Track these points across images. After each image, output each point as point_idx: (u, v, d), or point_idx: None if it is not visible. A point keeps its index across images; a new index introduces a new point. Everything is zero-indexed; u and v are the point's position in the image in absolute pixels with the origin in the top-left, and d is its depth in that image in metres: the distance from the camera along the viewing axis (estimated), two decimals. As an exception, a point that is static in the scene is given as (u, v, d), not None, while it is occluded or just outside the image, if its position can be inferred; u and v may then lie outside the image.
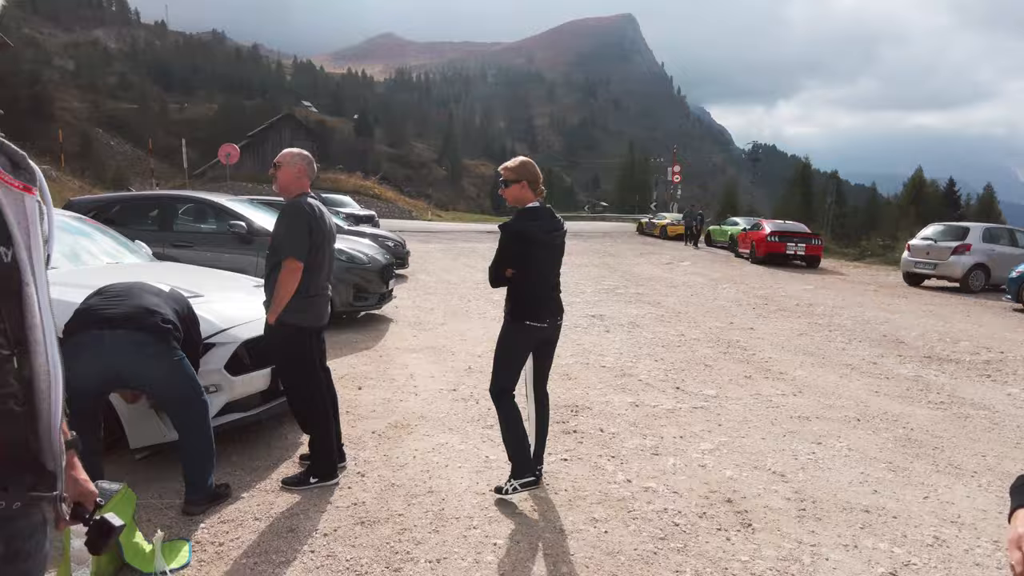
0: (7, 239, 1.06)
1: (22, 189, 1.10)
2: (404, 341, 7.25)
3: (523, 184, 3.48)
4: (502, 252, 3.46)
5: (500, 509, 3.34)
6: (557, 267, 3.67)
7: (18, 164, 1.14)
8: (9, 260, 1.06)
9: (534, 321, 3.49)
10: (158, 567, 2.66)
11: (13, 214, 1.08)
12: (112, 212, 8.42)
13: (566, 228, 3.69)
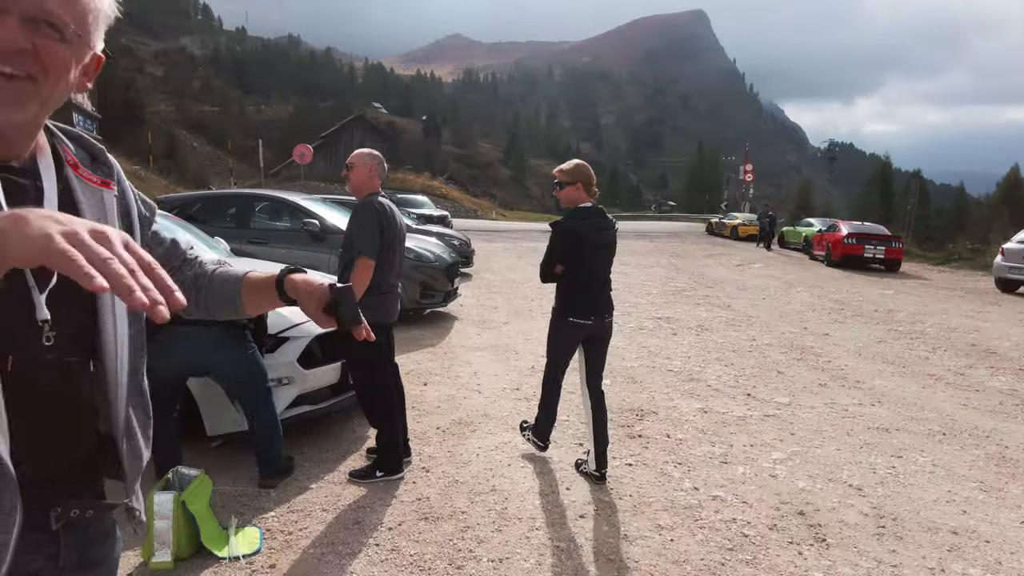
0: None
1: (100, 185, 1.08)
2: (468, 339, 7.31)
3: (577, 186, 3.70)
4: (552, 249, 3.69)
5: (564, 512, 3.31)
6: (607, 265, 3.83)
7: (96, 158, 1.12)
8: None
9: (578, 318, 3.69)
10: (231, 551, 2.77)
11: (91, 211, 1.05)
12: (194, 209, 8.84)
13: (617, 227, 3.85)
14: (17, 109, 0.88)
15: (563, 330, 3.75)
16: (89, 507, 1.03)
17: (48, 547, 0.99)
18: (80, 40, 0.91)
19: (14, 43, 0.83)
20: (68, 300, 0.98)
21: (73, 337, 1.00)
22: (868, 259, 17.93)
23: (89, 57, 0.96)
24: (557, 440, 4.27)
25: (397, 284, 3.80)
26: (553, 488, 3.59)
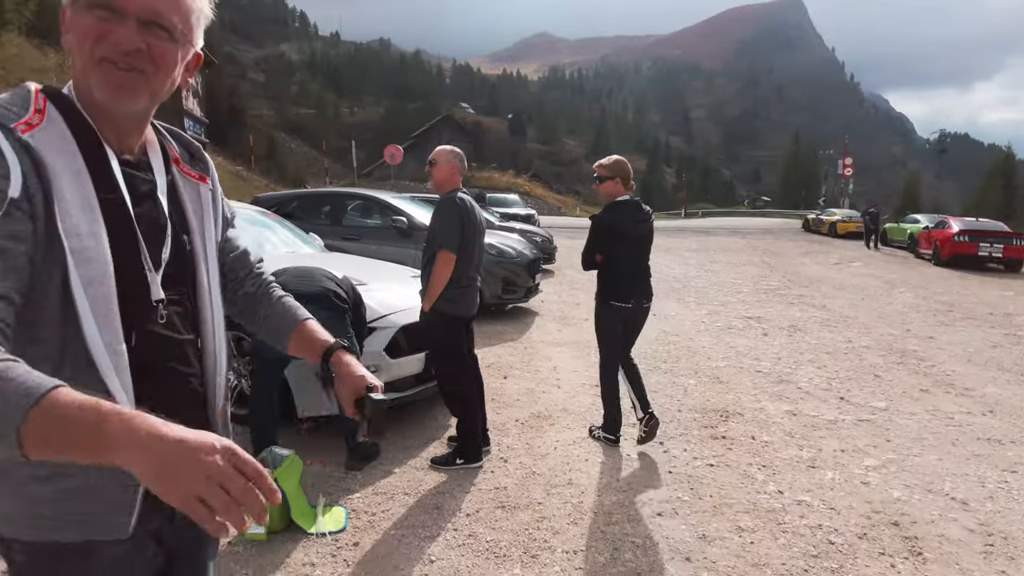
0: (187, 228, 1.15)
1: (198, 179, 1.20)
2: (549, 335, 7.35)
3: (616, 180, 4.00)
4: (592, 240, 4.00)
5: (641, 509, 3.29)
6: (645, 254, 4.11)
7: (194, 155, 1.24)
8: (189, 248, 1.14)
9: (619, 301, 3.99)
10: (319, 528, 2.93)
11: (191, 204, 1.17)
12: (291, 207, 9.33)
13: (654, 219, 4.16)
14: (132, 100, 0.99)
15: (606, 313, 4.06)
16: None
17: (165, 508, 1.10)
18: (185, 39, 1.02)
19: (132, 43, 0.94)
20: (176, 283, 1.10)
21: (181, 316, 1.11)
22: (983, 258, 16.56)
23: (191, 54, 1.07)
24: (634, 437, 4.23)
25: (477, 278, 3.88)
26: (631, 485, 3.56)
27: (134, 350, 0.99)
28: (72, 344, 0.92)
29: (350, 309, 3.73)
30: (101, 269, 0.93)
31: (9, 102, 0.93)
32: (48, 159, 0.90)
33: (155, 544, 1.10)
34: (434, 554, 2.82)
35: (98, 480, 0.96)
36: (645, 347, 6.71)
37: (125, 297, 0.98)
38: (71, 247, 0.90)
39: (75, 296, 0.91)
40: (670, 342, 7.05)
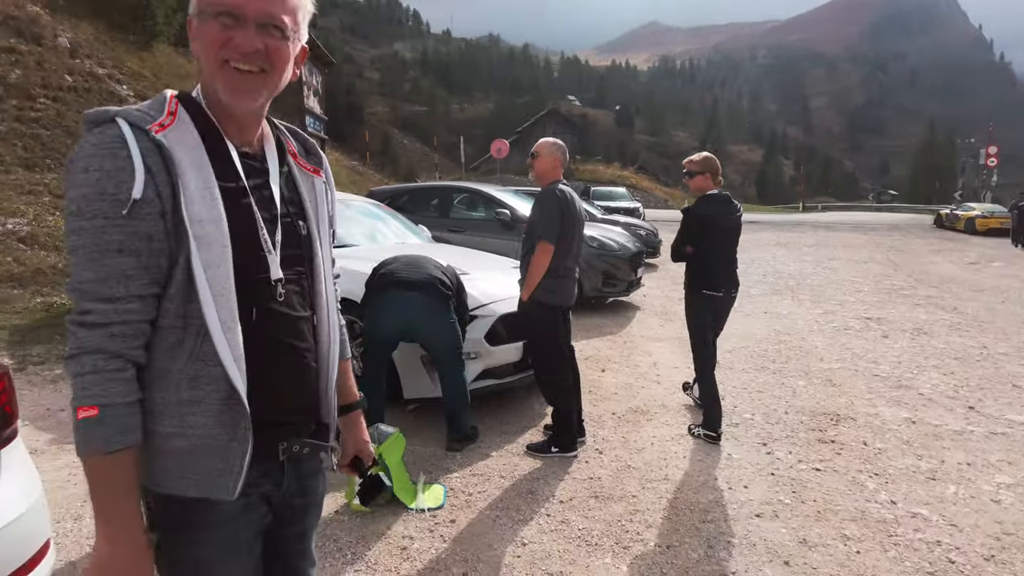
0: (303, 215, 1.25)
1: (312, 172, 1.31)
2: (650, 329, 7.24)
3: (706, 175, 4.19)
4: (684, 231, 4.16)
5: (739, 509, 3.20)
6: (734, 245, 4.25)
7: (309, 151, 1.34)
8: (306, 233, 1.25)
9: (709, 290, 4.10)
10: (418, 504, 3.08)
11: (307, 193, 1.28)
12: (402, 200, 9.72)
13: (742, 211, 4.30)
14: (253, 98, 1.11)
15: (697, 302, 4.16)
16: (307, 445, 1.24)
17: (276, 475, 1.22)
18: (294, 35, 1.13)
19: (252, 45, 1.06)
20: (294, 264, 1.21)
21: (299, 295, 1.21)
22: None
23: (299, 49, 1.17)
24: (739, 438, 4.11)
25: (575, 268, 3.90)
26: (730, 484, 3.47)
27: (255, 326, 1.10)
28: (193, 320, 1.04)
29: (453, 296, 3.88)
30: (219, 253, 1.04)
31: (148, 107, 1.07)
32: (176, 155, 1.03)
33: (265, 506, 1.21)
34: (527, 537, 2.88)
35: (209, 443, 1.08)
36: (753, 345, 6.48)
37: (246, 277, 1.09)
38: (194, 233, 1.02)
39: (196, 277, 1.02)
40: (781, 341, 6.75)
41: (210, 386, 1.06)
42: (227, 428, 1.08)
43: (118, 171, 0.98)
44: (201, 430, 1.06)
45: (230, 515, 1.13)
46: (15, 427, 1.76)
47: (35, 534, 1.69)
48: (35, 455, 3.53)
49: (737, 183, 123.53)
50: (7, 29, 10.66)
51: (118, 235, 0.98)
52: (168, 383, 1.06)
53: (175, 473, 1.08)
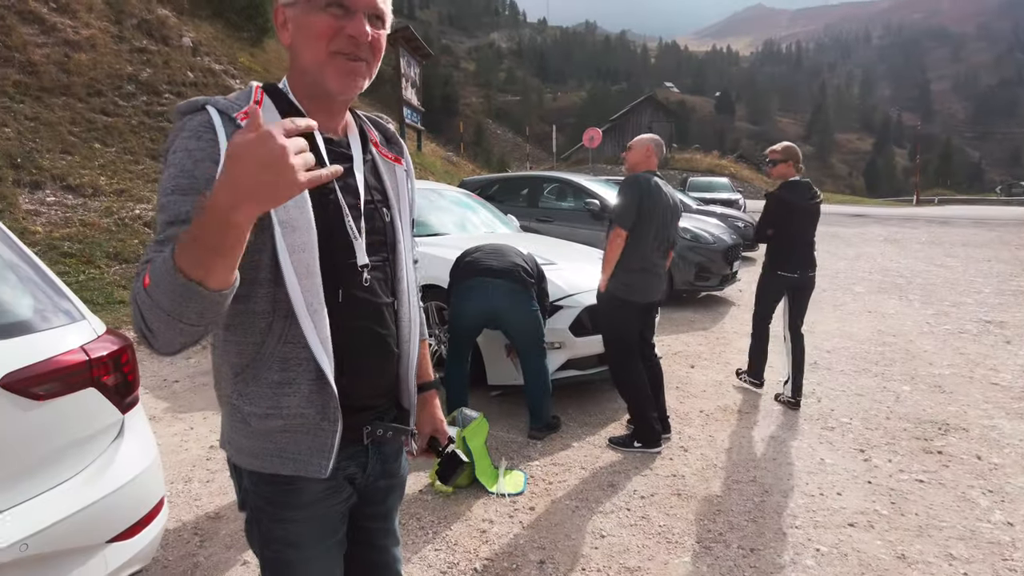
0: (386, 202, 1.27)
1: (394, 160, 1.33)
2: (744, 326, 6.97)
3: (788, 163, 4.52)
4: (766, 215, 4.54)
5: (831, 517, 3.06)
6: (812, 230, 4.60)
7: (390, 139, 1.37)
8: (389, 220, 1.27)
9: (785, 272, 4.52)
10: (499, 489, 3.14)
11: (389, 181, 1.30)
12: (493, 190, 9.85)
13: (822, 197, 4.62)
14: (358, 87, 1.15)
15: (772, 282, 4.63)
16: (390, 428, 1.28)
17: (360, 457, 1.27)
18: (388, 23, 1.17)
19: (365, 36, 1.10)
20: (378, 251, 1.24)
21: (382, 281, 1.25)
22: None
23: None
24: (834, 443, 3.92)
25: (660, 263, 3.80)
26: (822, 490, 3.32)
27: (339, 308, 1.14)
28: (281, 303, 1.08)
29: (536, 284, 3.91)
30: (304, 237, 1.07)
31: (237, 98, 1.12)
32: None
33: (350, 487, 1.27)
34: (605, 529, 2.88)
35: (302, 424, 1.13)
36: (855, 346, 6.13)
37: (333, 262, 1.13)
38: (279, 218, 1.05)
39: (281, 261, 1.05)
40: (885, 343, 6.34)
41: (300, 368, 1.10)
42: (318, 409, 1.13)
43: (199, 151, 1.02)
44: (294, 410, 1.11)
45: (318, 496, 1.19)
46: (136, 394, 1.95)
47: (151, 492, 1.86)
48: (152, 421, 3.88)
49: (844, 173, 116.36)
50: (140, 31, 11.60)
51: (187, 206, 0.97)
52: (262, 365, 1.11)
53: (272, 452, 1.15)
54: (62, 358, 1.67)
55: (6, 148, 7.67)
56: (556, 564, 2.61)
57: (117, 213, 7.88)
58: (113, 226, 7.61)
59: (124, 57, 10.66)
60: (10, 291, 1.73)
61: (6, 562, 1.47)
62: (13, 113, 8.30)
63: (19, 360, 1.58)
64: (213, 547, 2.66)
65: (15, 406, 1.55)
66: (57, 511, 1.59)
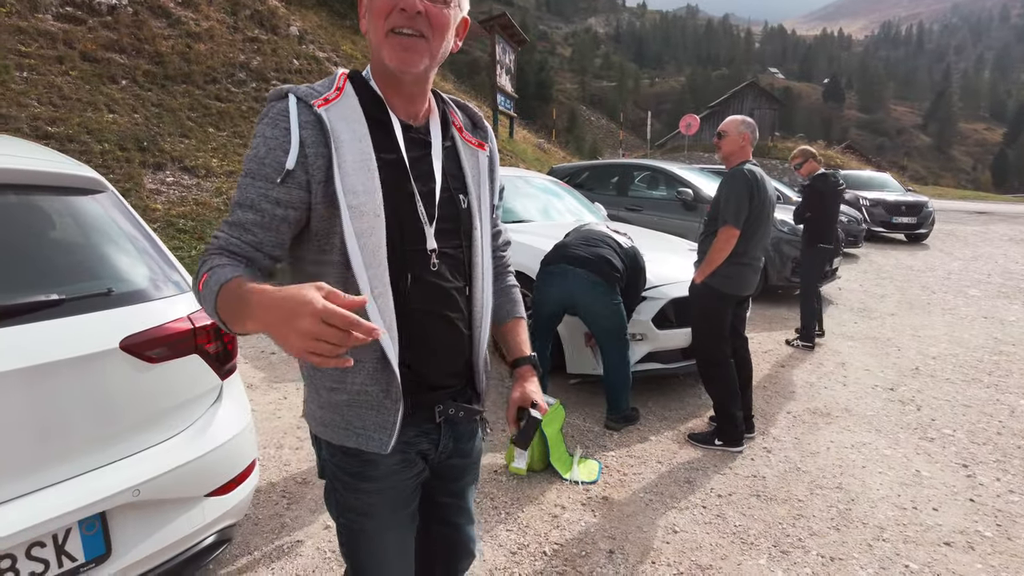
0: (464, 188, 1.28)
1: (477, 146, 1.34)
2: (842, 326, 6.63)
3: (810, 161, 5.80)
4: (806, 201, 5.79)
5: (924, 533, 2.88)
6: (839, 210, 5.97)
7: (476, 124, 1.38)
8: (466, 206, 1.27)
9: (826, 243, 5.80)
10: (573, 476, 3.16)
11: (469, 167, 1.31)
12: (582, 178, 9.79)
13: (844, 184, 6.02)
14: (415, 62, 1.14)
15: (817, 254, 5.83)
16: (461, 409, 1.31)
17: (433, 435, 1.31)
18: (456, 4, 1.17)
19: (414, 7, 1.10)
20: (451, 236, 1.26)
21: (453, 266, 1.26)
22: None
23: (460, 19, 1.21)
24: (933, 455, 3.68)
25: (760, 257, 3.67)
26: (916, 504, 3.12)
27: (409, 291, 1.18)
28: (351, 285, 1.11)
29: (623, 279, 3.86)
30: (371, 222, 1.11)
31: (320, 85, 1.16)
32: (336, 128, 1.11)
33: (423, 463, 1.31)
34: (678, 525, 2.84)
35: (366, 399, 1.18)
36: (965, 354, 5.70)
37: (403, 246, 1.16)
38: (348, 203, 1.09)
39: (348, 245, 1.09)
40: (1001, 352, 5.84)
41: (365, 347, 1.13)
42: (382, 387, 1.17)
43: (274, 139, 1.09)
44: (359, 387, 1.17)
45: (390, 469, 1.25)
46: (235, 363, 2.10)
47: (245, 453, 2.01)
48: (249, 390, 4.15)
49: (967, 167, 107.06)
50: (252, 22, 12.28)
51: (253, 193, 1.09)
52: None
53: (338, 424, 1.21)
54: (171, 325, 1.83)
55: (134, 132, 8.35)
56: (626, 555, 2.61)
57: (226, 193, 8.43)
58: (222, 205, 8.15)
59: (237, 46, 11.32)
60: (129, 262, 1.90)
61: (121, 504, 1.64)
62: (142, 100, 9.02)
63: (135, 325, 1.75)
64: (299, 510, 2.84)
65: (131, 367, 1.71)
66: (164, 464, 1.75)
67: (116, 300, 1.76)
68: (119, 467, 1.68)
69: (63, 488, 1.57)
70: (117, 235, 1.93)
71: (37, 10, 8.97)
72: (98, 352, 1.64)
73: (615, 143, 53.81)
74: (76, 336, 1.63)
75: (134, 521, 1.69)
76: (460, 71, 46.89)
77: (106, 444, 1.68)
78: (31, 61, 8.21)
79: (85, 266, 1.82)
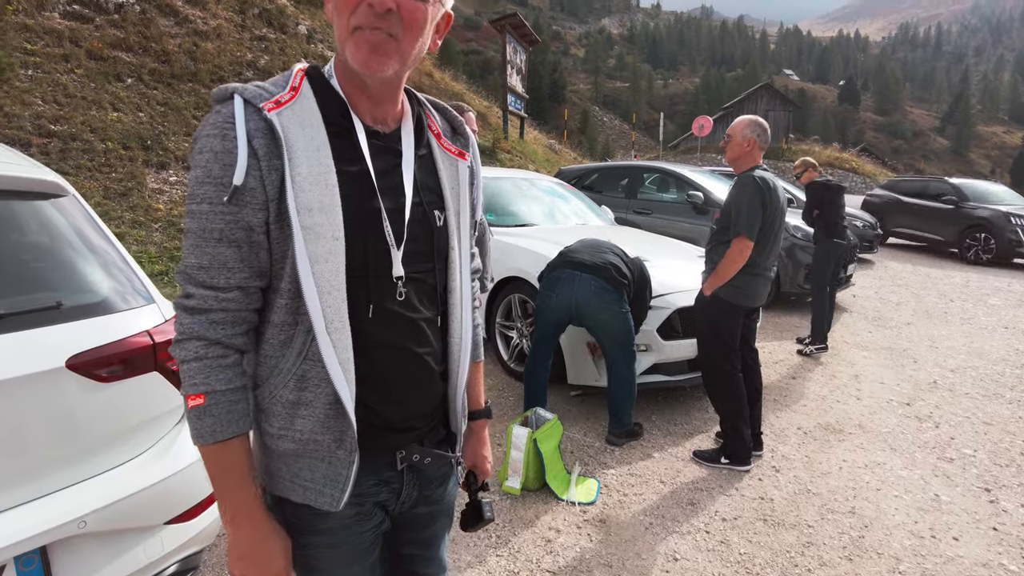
0: (441, 203, 1.13)
1: (456, 155, 1.18)
2: (855, 336, 6.43)
3: (809, 170, 6.16)
4: (810, 200, 5.94)
5: (944, 565, 2.70)
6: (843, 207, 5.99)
7: (456, 130, 1.21)
8: (442, 224, 1.12)
9: (839, 239, 5.78)
10: (570, 496, 3.00)
11: (447, 179, 1.15)
12: (590, 180, 9.62)
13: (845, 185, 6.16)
14: (383, 64, 0.97)
15: (829, 249, 5.79)
16: (427, 455, 1.15)
17: (394, 483, 1.15)
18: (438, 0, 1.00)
19: (383, 5, 0.93)
20: (423, 259, 1.10)
21: (424, 292, 1.10)
22: None
23: (441, 14, 1.03)
24: (953, 477, 3.49)
25: (772, 267, 3.49)
26: (934, 532, 2.94)
27: (370, 323, 1.02)
28: (304, 316, 0.97)
29: (631, 287, 3.71)
30: (329, 246, 0.95)
31: (272, 83, 1.00)
32: (290, 136, 0.95)
33: (382, 513, 1.15)
34: (679, 551, 2.68)
35: (315, 449, 1.03)
36: (986, 367, 5.48)
37: (363, 273, 1.01)
38: (302, 223, 0.93)
39: (300, 272, 0.94)
40: (1023, 364, 5.62)
41: (318, 388, 1.00)
42: (334, 436, 1.02)
43: (225, 154, 0.92)
44: (308, 435, 1.02)
45: (342, 523, 1.09)
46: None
47: (209, 481, 1.88)
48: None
49: (986, 170, 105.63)
50: (261, 20, 12.21)
51: (219, 223, 0.93)
52: (278, 381, 1.02)
53: (284, 476, 1.06)
54: (130, 340, 1.70)
55: (139, 131, 8.28)
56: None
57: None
58: (227, 205, 8.08)
59: (245, 45, 11.26)
60: (87, 272, 1.77)
61: (63, 538, 1.51)
62: (147, 99, 8.95)
63: (87, 342, 1.62)
64: (281, 529, 2.70)
65: (80, 387, 1.58)
66: (115, 492, 1.62)
67: (67, 314, 1.63)
68: (63, 496, 1.55)
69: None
70: (76, 243, 1.80)
71: (44, 8, 8.93)
72: (41, 372, 1.51)
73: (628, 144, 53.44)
74: (18, 354, 1.50)
75: (81, 555, 1.56)
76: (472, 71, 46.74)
77: (50, 471, 1.55)
78: (36, 59, 8.16)
79: (36, 277, 1.69)
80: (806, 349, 5.70)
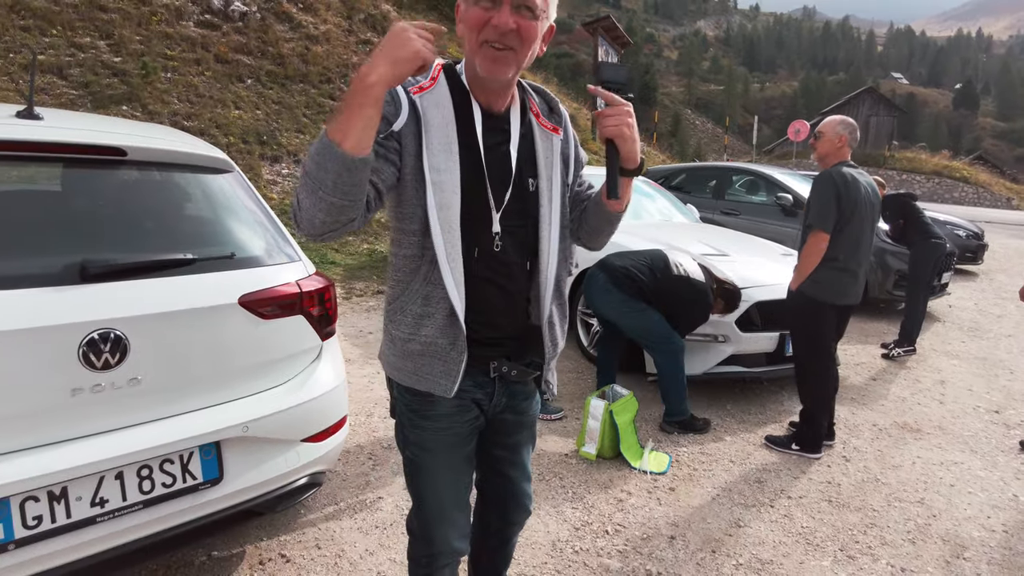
0: (535, 172, 1.40)
1: (551, 130, 1.45)
2: (946, 344, 6.25)
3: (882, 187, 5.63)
4: (888, 215, 5.95)
5: (1012, 557, 2.73)
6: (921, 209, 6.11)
7: (553, 109, 1.49)
8: (533, 190, 1.40)
9: (939, 239, 5.84)
10: (642, 466, 3.24)
11: (543, 151, 1.43)
12: (678, 180, 9.70)
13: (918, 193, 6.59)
14: (503, 72, 1.28)
15: (928, 249, 5.83)
16: (514, 368, 1.47)
17: (487, 388, 1.48)
18: (543, 15, 1.28)
19: (507, 24, 1.22)
20: (519, 216, 1.40)
21: (518, 245, 1.41)
22: None
23: (546, 27, 1.33)
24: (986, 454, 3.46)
25: (859, 264, 3.53)
26: (1008, 529, 2.96)
27: (474, 262, 1.34)
28: (429, 250, 1.30)
29: (645, 292, 3.78)
30: (449, 198, 1.27)
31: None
32: (427, 113, 1.28)
33: (477, 410, 1.48)
34: (743, 520, 2.86)
35: (435, 350, 1.35)
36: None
37: (472, 223, 1.32)
38: (431, 179, 1.27)
39: (430, 215, 1.27)
40: None
41: (438, 304, 1.32)
42: (449, 339, 1.34)
43: (388, 109, 1.25)
44: (430, 338, 1.35)
45: (448, 412, 1.43)
46: (334, 327, 2.35)
47: (338, 407, 2.26)
48: (347, 363, 4.48)
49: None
50: (366, 25, 13.00)
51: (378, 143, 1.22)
52: (408, 298, 1.35)
53: (410, 371, 1.40)
54: (282, 288, 2.09)
55: (256, 127, 9.10)
56: (687, 542, 2.67)
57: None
58: (331, 197, 8.74)
59: (351, 48, 12.03)
60: (249, 233, 2.19)
61: (233, 437, 1.91)
62: (264, 98, 9.79)
63: (252, 285, 2.02)
64: (383, 471, 3.09)
65: (246, 320, 1.98)
66: (268, 407, 2.01)
67: (237, 263, 2.05)
68: (232, 406, 1.95)
69: (187, 418, 1.85)
70: (240, 209, 2.22)
71: (182, 18, 9.93)
72: (220, 305, 1.92)
73: (720, 148, 52.17)
74: (203, 290, 1.91)
75: (242, 454, 1.96)
76: (564, 74, 46.95)
77: (222, 385, 1.96)
78: (174, 63, 9.12)
79: (213, 233, 2.13)
80: (892, 352, 5.62)
